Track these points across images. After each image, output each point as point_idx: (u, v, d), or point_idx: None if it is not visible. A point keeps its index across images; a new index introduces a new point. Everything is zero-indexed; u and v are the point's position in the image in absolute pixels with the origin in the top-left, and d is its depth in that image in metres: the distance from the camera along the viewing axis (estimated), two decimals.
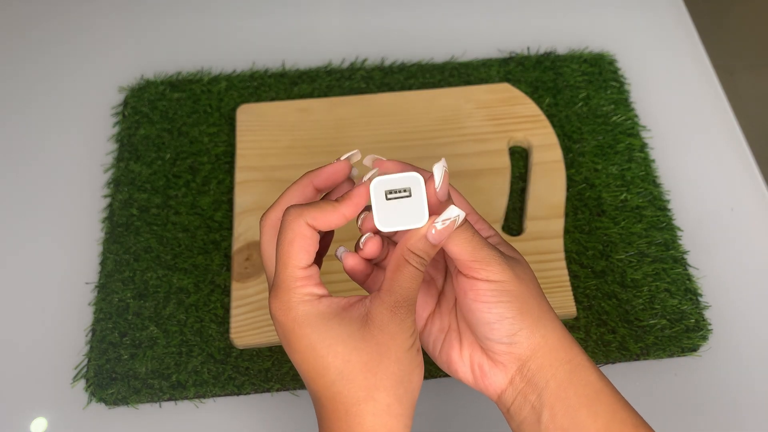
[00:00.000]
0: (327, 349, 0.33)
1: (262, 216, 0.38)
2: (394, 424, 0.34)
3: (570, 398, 0.35)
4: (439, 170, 0.35)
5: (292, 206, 0.35)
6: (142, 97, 0.64)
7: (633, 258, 0.55)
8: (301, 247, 0.34)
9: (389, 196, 0.35)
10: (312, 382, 0.34)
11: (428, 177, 0.36)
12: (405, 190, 0.35)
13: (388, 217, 0.35)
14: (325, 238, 0.39)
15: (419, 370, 0.35)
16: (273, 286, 0.35)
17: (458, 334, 0.39)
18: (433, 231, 0.35)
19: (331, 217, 0.35)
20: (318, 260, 0.37)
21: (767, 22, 1.60)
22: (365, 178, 0.36)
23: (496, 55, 0.67)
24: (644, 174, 0.59)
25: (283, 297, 0.34)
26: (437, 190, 0.35)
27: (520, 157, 0.60)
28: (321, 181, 0.37)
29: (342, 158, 0.38)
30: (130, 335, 0.53)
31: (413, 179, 0.35)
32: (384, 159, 0.38)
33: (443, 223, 0.35)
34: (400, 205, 0.35)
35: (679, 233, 0.57)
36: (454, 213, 0.35)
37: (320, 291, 0.35)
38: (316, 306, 0.34)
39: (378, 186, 0.35)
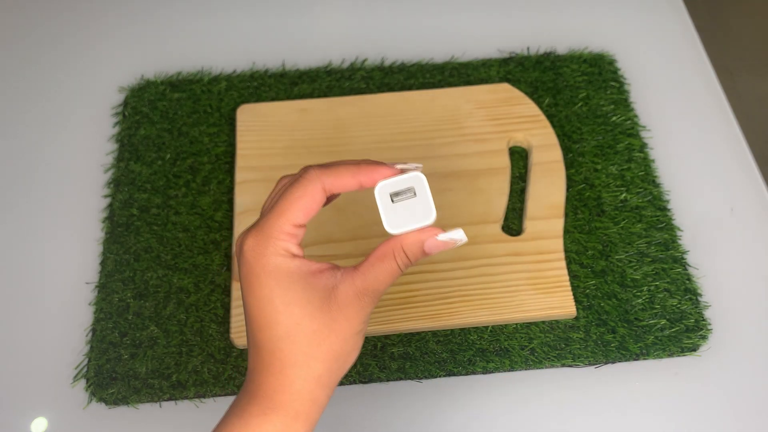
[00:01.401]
0: (284, 306, 0.34)
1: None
2: (318, 393, 0.35)
3: None
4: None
5: (312, 167, 0.36)
6: (142, 97, 0.64)
7: (633, 258, 0.55)
8: (305, 206, 0.35)
9: (395, 198, 0.36)
10: (258, 331, 0.35)
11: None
12: (409, 191, 0.36)
13: (396, 220, 0.36)
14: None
15: (356, 353, 0.37)
16: (256, 226, 0.35)
17: None
18: (431, 243, 0.36)
19: (347, 183, 0.36)
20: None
21: (767, 22, 1.60)
22: (402, 166, 0.37)
23: (496, 55, 0.67)
24: (644, 174, 0.59)
25: (263, 241, 0.34)
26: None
27: (520, 157, 0.60)
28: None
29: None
30: (130, 335, 0.53)
31: (416, 179, 0.36)
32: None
33: (444, 239, 0.36)
34: (407, 206, 0.36)
35: (679, 233, 0.57)
36: (458, 236, 0.36)
37: (297, 251, 0.35)
38: (288, 263, 0.35)
39: (382, 190, 0.36)
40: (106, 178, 0.61)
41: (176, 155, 0.61)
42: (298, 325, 0.34)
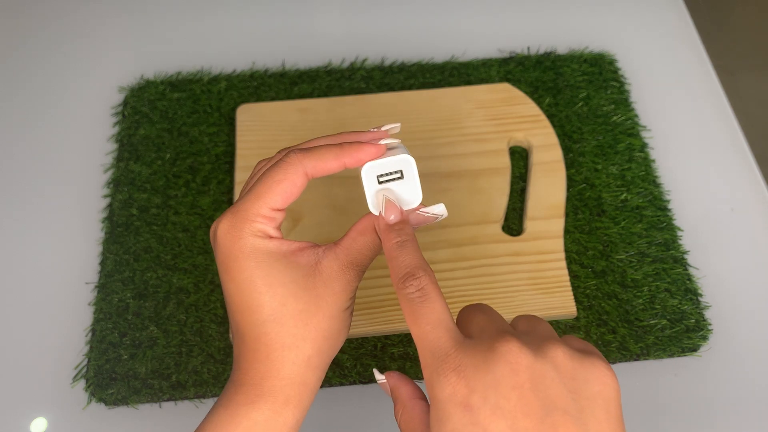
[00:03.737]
0: (266, 287, 0.33)
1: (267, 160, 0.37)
2: (309, 376, 0.34)
3: None
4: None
5: (294, 151, 0.35)
6: (142, 97, 0.64)
7: (633, 258, 0.55)
8: (285, 190, 0.34)
9: (381, 179, 0.35)
10: (240, 316, 0.34)
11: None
12: (397, 173, 0.35)
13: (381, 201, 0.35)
14: None
15: (346, 331, 0.35)
16: (231, 209, 0.34)
17: None
18: (413, 215, 0.35)
19: (330, 165, 0.34)
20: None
21: (767, 22, 1.60)
22: (386, 142, 0.36)
23: (496, 55, 0.67)
24: (644, 174, 0.59)
25: (238, 224, 0.33)
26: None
27: (520, 157, 0.60)
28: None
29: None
30: (130, 335, 0.53)
31: (404, 161, 0.35)
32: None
33: (424, 214, 0.35)
34: (393, 188, 0.35)
35: (679, 233, 0.57)
36: (438, 210, 0.35)
37: (275, 233, 0.34)
38: (266, 243, 0.33)
39: (370, 171, 0.35)
40: (105, 178, 0.61)
41: (176, 155, 0.61)
42: (283, 305, 0.33)
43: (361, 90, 0.64)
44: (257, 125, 0.61)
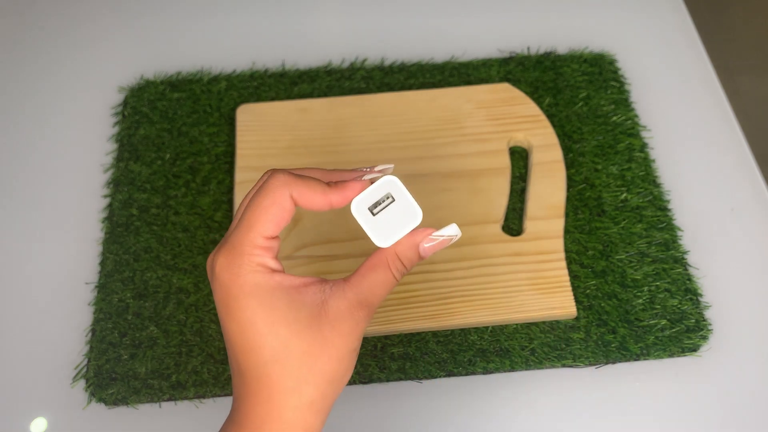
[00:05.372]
0: (269, 327, 0.31)
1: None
2: (312, 420, 0.32)
3: None
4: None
5: (280, 172, 0.33)
6: (142, 97, 0.64)
7: (633, 258, 0.55)
8: (275, 216, 0.32)
9: (375, 210, 0.34)
10: (242, 356, 0.32)
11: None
12: (387, 197, 0.34)
13: (384, 232, 0.34)
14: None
15: (350, 372, 0.34)
16: (225, 244, 0.32)
17: None
18: (426, 244, 0.34)
19: (317, 200, 0.33)
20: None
21: (767, 22, 1.60)
22: (370, 177, 0.35)
23: (496, 55, 0.67)
24: (644, 174, 0.59)
25: (236, 259, 0.31)
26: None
27: (520, 157, 0.60)
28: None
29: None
30: (130, 335, 0.53)
31: (389, 183, 0.34)
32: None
33: (439, 238, 0.34)
34: (390, 213, 0.34)
35: (679, 233, 0.57)
36: (452, 231, 0.34)
37: (275, 265, 0.32)
38: (268, 279, 0.32)
39: (359, 207, 0.34)
40: (105, 178, 0.61)
41: (176, 155, 0.61)
42: (286, 347, 0.31)
43: (361, 90, 0.64)
44: (257, 125, 0.61)
